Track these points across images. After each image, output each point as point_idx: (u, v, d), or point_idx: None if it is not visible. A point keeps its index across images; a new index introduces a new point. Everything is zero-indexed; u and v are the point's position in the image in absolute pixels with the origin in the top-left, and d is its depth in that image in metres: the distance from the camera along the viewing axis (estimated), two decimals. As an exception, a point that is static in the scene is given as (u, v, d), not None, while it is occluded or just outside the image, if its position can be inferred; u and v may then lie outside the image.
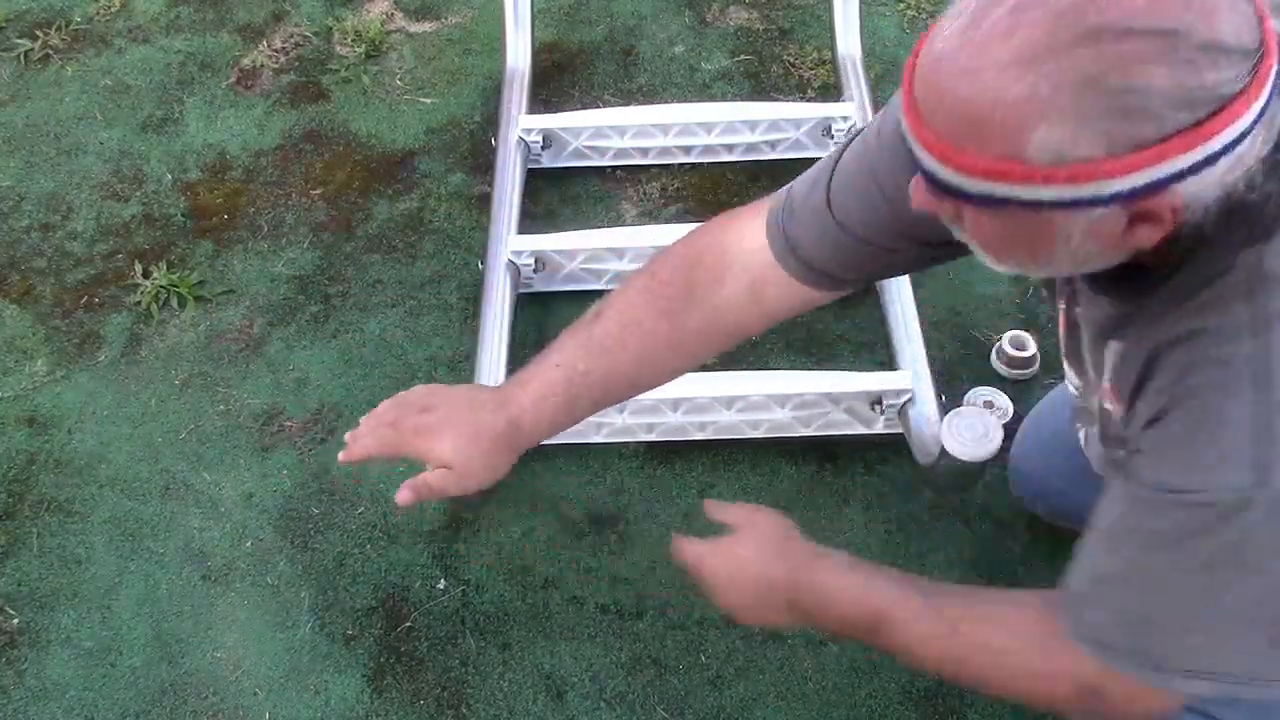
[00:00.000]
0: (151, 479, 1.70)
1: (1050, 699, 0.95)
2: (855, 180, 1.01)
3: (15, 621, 1.56)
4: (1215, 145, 0.68)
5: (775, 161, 2.04)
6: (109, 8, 2.42)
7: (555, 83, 2.23)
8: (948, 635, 0.98)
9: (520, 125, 2.00)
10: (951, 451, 1.39)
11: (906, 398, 1.61)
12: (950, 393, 1.70)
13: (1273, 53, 0.68)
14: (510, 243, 1.82)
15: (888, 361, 1.73)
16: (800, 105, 2.07)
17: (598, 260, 1.83)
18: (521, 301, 1.83)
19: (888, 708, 1.46)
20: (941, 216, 0.82)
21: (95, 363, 1.84)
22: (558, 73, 2.26)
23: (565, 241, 1.82)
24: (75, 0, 2.44)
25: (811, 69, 2.24)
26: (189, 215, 2.05)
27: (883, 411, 1.63)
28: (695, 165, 2.06)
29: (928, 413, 1.60)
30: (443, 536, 1.63)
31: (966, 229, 0.81)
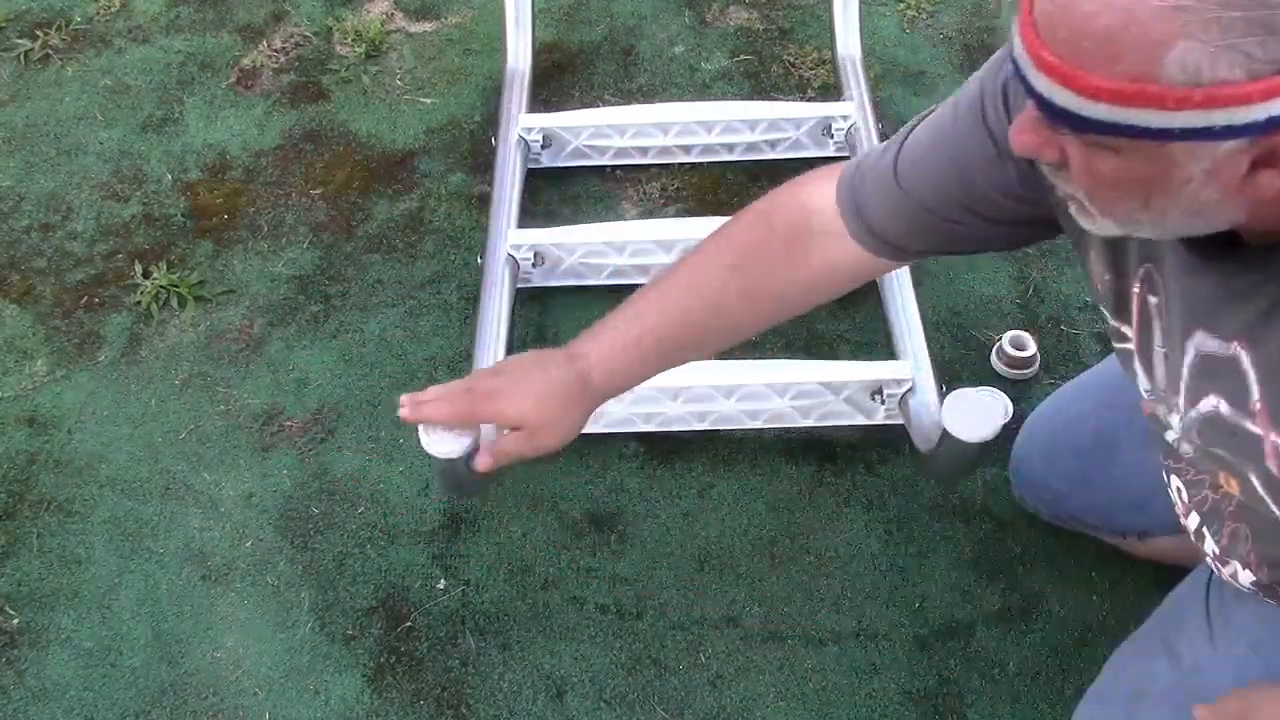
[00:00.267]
0: (151, 479, 1.70)
1: None
2: (926, 151, 1.01)
3: (15, 621, 1.56)
4: None
5: (775, 161, 2.04)
6: (109, 8, 2.42)
7: (555, 83, 2.23)
8: None
9: (520, 124, 2.00)
10: (953, 432, 1.34)
11: (907, 387, 1.60)
12: (950, 392, 1.70)
13: None
14: (509, 236, 1.82)
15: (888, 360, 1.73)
16: (800, 105, 2.07)
17: (597, 254, 1.82)
18: (521, 298, 1.83)
19: (888, 708, 1.46)
20: (1042, 163, 0.77)
21: (95, 363, 1.84)
22: (558, 73, 2.26)
23: (564, 236, 1.82)
24: (75, 0, 2.44)
25: (811, 69, 2.24)
26: (189, 215, 2.05)
27: (883, 401, 1.62)
28: (695, 165, 2.06)
29: (928, 400, 1.58)
30: (443, 536, 1.63)
31: (1073, 173, 0.75)
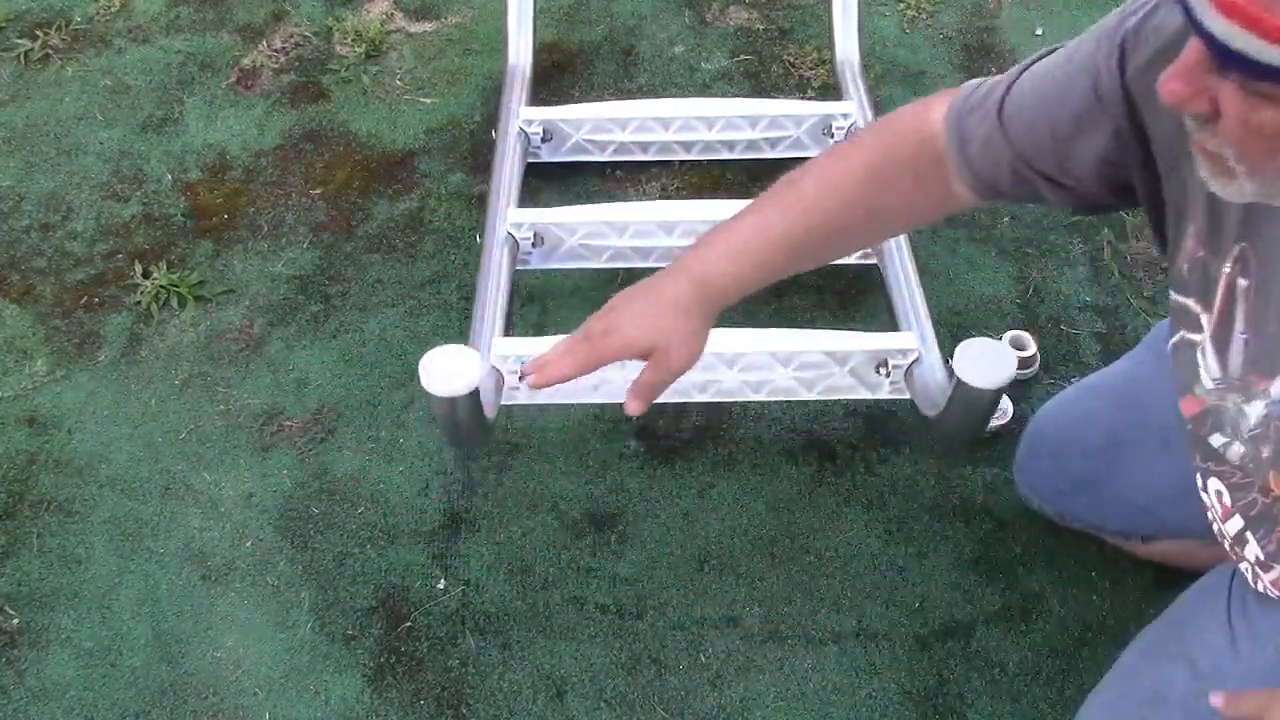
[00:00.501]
0: (151, 479, 1.70)
1: None
2: (1031, 97, 1.01)
3: (15, 621, 1.56)
4: None
5: (775, 161, 2.03)
6: (109, 8, 2.42)
7: (555, 82, 2.23)
8: None
9: (521, 117, 1.99)
10: (966, 380, 1.30)
11: (913, 358, 1.57)
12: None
13: None
14: (509, 215, 1.79)
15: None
16: (801, 103, 2.06)
17: (598, 235, 1.80)
18: (520, 298, 1.83)
19: (888, 708, 1.46)
20: (1189, 114, 0.74)
21: (95, 363, 1.84)
22: (558, 72, 2.26)
23: (565, 215, 1.80)
24: (75, 0, 2.44)
25: (811, 69, 2.24)
26: (189, 215, 2.05)
27: (889, 374, 1.59)
28: (695, 165, 2.06)
29: (935, 359, 1.56)
30: (443, 536, 1.63)
31: (1225, 126, 0.72)
